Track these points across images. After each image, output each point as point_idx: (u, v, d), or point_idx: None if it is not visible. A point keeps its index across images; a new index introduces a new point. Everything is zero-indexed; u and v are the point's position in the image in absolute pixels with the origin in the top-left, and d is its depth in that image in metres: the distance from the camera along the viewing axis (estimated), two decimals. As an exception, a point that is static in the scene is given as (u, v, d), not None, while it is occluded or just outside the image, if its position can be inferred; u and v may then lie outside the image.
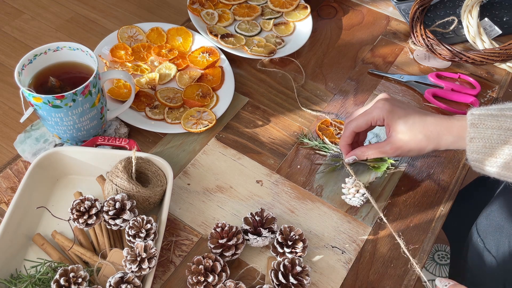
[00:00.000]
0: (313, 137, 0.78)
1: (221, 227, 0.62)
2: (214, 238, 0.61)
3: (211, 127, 0.76)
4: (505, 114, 0.58)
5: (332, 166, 0.74)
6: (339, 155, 0.74)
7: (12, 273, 0.59)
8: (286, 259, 0.59)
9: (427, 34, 0.89)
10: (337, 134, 0.78)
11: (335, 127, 0.79)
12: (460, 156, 0.77)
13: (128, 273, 0.55)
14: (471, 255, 0.81)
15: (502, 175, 0.59)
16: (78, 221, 0.59)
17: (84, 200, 0.60)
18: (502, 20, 0.97)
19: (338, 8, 1.03)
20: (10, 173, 0.72)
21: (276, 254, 0.62)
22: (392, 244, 0.66)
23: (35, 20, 2.09)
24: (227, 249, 0.61)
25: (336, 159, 0.74)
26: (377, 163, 0.72)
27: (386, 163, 0.72)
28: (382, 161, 0.73)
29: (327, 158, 0.75)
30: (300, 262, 0.59)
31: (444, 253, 1.27)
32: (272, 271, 0.59)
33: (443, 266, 1.24)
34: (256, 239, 0.61)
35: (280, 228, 0.63)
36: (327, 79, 0.88)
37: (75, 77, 0.70)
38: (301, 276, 0.58)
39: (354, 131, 0.67)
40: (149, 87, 0.82)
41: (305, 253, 0.61)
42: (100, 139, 0.70)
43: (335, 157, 0.74)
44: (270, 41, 0.91)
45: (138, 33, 0.90)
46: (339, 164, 0.74)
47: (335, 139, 0.77)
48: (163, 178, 0.66)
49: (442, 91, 0.85)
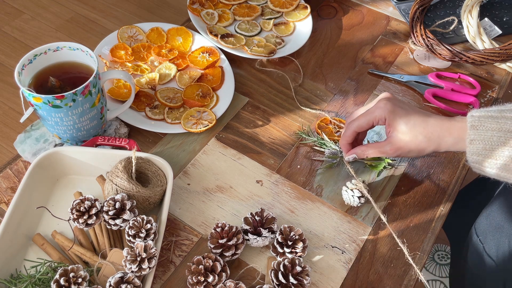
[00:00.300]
0: (313, 134, 0.78)
1: (221, 227, 0.62)
2: (214, 238, 0.61)
3: (211, 127, 0.77)
4: (505, 116, 0.58)
5: (330, 163, 0.74)
6: (337, 152, 0.74)
7: (12, 273, 0.59)
8: (286, 259, 0.59)
9: (427, 34, 0.89)
10: (337, 132, 0.78)
11: (334, 125, 0.79)
12: (460, 157, 0.77)
13: (128, 273, 0.55)
14: (471, 255, 0.81)
15: (501, 177, 0.59)
16: (78, 221, 0.59)
17: (84, 200, 0.60)
18: (502, 20, 0.97)
19: (338, 8, 1.03)
20: (10, 173, 0.72)
21: (276, 254, 0.62)
22: (392, 244, 0.66)
23: (35, 20, 2.09)
24: (227, 249, 0.61)
25: (334, 156, 0.74)
26: (375, 161, 0.73)
27: (384, 162, 0.72)
28: (379, 160, 0.73)
29: (325, 155, 0.75)
30: (300, 262, 0.59)
31: (444, 253, 1.27)
32: (272, 271, 0.59)
33: (443, 266, 1.24)
34: (256, 239, 0.61)
35: (280, 228, 0.63)
36: (327, 79, 0.88)
37: (75, 77, 0.70)
38: (301, 276, 0.58)
39: (355, 131, 0.67)
40: (149, 87, 0.82)
41: (305, 253, 0.61)
42: (100, 139, 0.70)
43: (333, 154, 0.74)
44: (270, 41, 0.91)
45: (138, 33, 0.90)
46: (337, 161, 0.74)
47: (334, 136, 0.77)
48: (163, 178, 0.66)
49: (442, 91, 0.85)
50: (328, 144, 0.75)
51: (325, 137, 0.76)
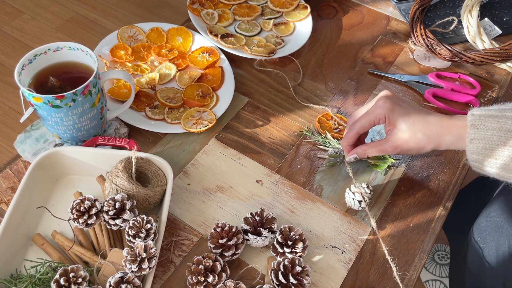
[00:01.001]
0: (316, 132, 0.78)
1: (221, 227, 0.62)
2: (214, 238, 0.61)
3: (211, 127, 0.77)
4: (506, 115, 0.58)
5: (332, 162, 0.74)
6: (340, 152, 0.74)
7: (12, 273, 0.59)
8: (286, 259, 0.59)
9: (427, 34, 0.89)
10: (336, 129, 0.78)
11: (335, 122, 0.79)
12: (460, 156, 0.77)
13: (128, 273, 0.55)
14: (471, 255, 0.81)
15: (501, 176, 0.59)
16: (78, 221, 0.59)
17: (84, 200, 0.60)
18: (502, 20, 0.97)
19: (338, 8, 1.03)
20: (10, 173, 0.72)
21: (276, 254, 0.62)
22: (392, 244, 0.66)
23: (35, 20, 2.09)
24: (227, 249, 0.61)
25: (336, 155, 0.74)
26: (378, 161, 0.73)
27: (387, 162, 0.72)
28: (383, 159, 0.73)
29: (328, 153, 0.75)
30: (300, 262, 0.59)
31: (444, 253, 1.27)
32: (272, 271, 0.59)
33: (443, 266, 1.24)
34: (256, 239, 0.61)
35: (280, 228, 0.63)
36: (327, 79, 0.88)
37: (75, 77, 0.70)
38: (301, 276, 0.58)
39: (358, 132, 0.67)
40: (149, 87, 0.82)
41: (305, 253, 0.61)
42: (100, 139, 0.70)
43: (336, 153, 0.74)
44: (270, 41, 0.91)
45: (138, 33, 0.90)
46: (340, 160, 0.74)
47: (332, 132, 0.77)
48: (163, 178, 0.66)
49: (442, 91, 0.85)
50: (332, 143, 0.75)
51: (329, 135, 0.76)
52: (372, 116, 0.65)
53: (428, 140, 0.62)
